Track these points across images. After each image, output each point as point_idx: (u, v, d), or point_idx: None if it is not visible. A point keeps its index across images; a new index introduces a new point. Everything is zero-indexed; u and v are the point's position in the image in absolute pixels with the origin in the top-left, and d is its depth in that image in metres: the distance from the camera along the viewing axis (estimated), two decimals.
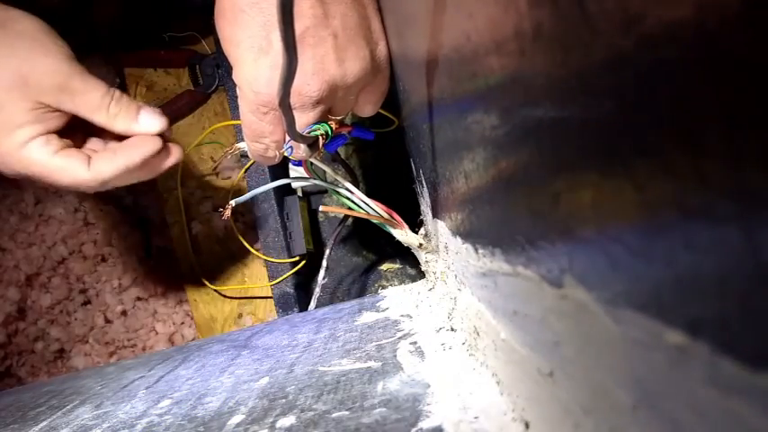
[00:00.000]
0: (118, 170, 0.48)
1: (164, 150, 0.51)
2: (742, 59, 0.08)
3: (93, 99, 0.47)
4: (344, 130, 0.46)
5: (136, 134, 0.49)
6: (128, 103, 0.49)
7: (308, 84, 0.41)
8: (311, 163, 0.48)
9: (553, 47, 0.14)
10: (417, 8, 0.30)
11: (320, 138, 0.42)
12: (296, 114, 0.42)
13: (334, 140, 0.45)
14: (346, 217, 0.69)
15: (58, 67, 0.46)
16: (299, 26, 0.40)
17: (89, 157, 0.48)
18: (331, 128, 0.43)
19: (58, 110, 0.47)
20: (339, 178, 0.48)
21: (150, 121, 0.50)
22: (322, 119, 0.43)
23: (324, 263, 0.59)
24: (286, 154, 0.44)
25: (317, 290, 0.59)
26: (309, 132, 0.42)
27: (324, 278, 0.59)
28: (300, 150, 0.43)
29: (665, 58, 0.09)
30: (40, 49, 0.46)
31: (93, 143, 0.52)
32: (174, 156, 0.52)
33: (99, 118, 0.48)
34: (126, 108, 0.49)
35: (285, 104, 0.31)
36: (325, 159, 0.59)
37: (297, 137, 0.39)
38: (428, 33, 0.27)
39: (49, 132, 0.47)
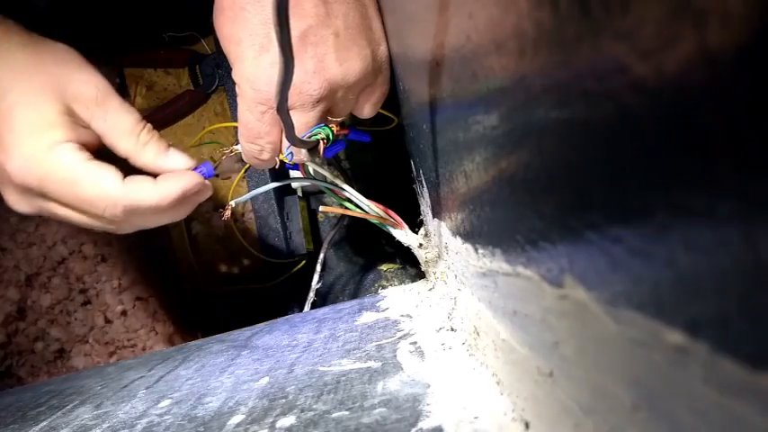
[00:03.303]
0: (155, 196, 0.42)
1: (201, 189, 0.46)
2: (741, 61, 0.08)
3: (126, 121, 0.44)
4: (342, 133, 0.46)
5: (159, 170, 0.45)
6: (158, 137, 0.45)
7: (308, 82, 0.41)
8: (307, 165, 0.48)
9: (553, 47, 0.14)
10: (417, 8, 0.30)
11: (321, 142, 0.42)
12: (295, 114, 0.41)
13: (332, 146, 0.45)
14: (342, 219, 0.69)
15: (97, 82, 0.43)
16: (301, 25, 0.40)
17: (123, 175, 0.42)
18: (332, 131, 0.43)
19: (87, 127, 0.43)
20: (338, 180, 0.48)
21: (179, 158, 0.45)
22: (322, 119, 0.43)
23: (318, 267, 0.59)
24: (286, 159, 0.44)
25: (311, 294, 0.58)
26: (310, 136, 0.42)
27: (318, 282, 0.59)
28: (301, 155, 0.43)
29: (664, 62, 0.09)
30: (79, 64, 0.44)
31: None
32: (207, 193, 0.47)
33: (127, 144, 0.44)
34: (157, 139, 0.45)
35: (283, 109, 0.31)
36: (323, 162, 0.59)
37: (296, 142, 0.38)
38: (428, 34, 0.27)
39: (80, 142, 0.42)
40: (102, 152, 0.45)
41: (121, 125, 0.44)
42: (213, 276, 0.75)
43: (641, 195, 0.11)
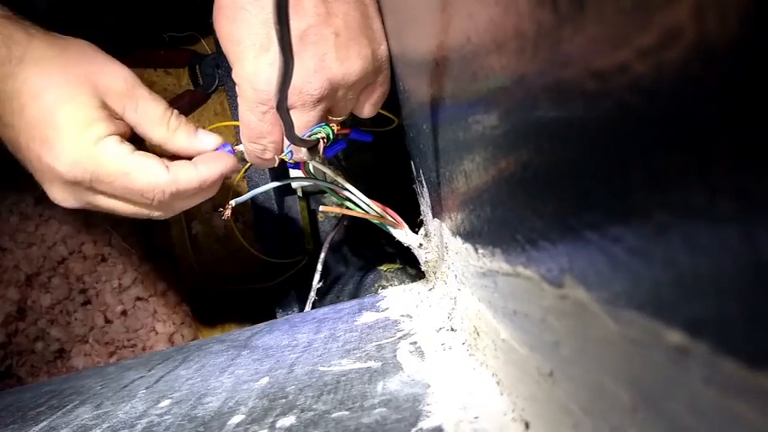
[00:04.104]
0: (197, 179, 0.45)
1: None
2: (740, 60, 0.08)
3: (156, 110, 0.45)
4: (342, 133, 0.46)
5: (193, 152, 0.47)
6: (185, 120, 0.47)
7: (309, 82, 0.41)
8: (308, 164, 0.48)
9: (552, 47, 0.14)
10: (418, 9, 0.30)
11: (321, 141, 0.42)
12: (296, 113, 0.41)
13: (333, 145, 0.45)
14: (342, 219, 0.69)
15: (125, 74, 0.45)
16: (301, 24, 0.40)
17: (166, 165, 0.45)
18: (332, 130, 0.43)
19: (120, 119, 0.45)
20: (339, 179, 0.48)
21: (209, 138, 0.48)
22: (322, 119, 0.43)
23: (319, 267, 0.59)
24: (286, 158, 0.44)
25: (312, 294, 0.58)
26: (310, 135, 0.42)
27: (319, 282, 0.59)
28: (301, 154, 0.43)
29: (663, 61, 0.09)
30: (104, 58, 0.45)
31: None
32: (236, 170, 0.50)
33: (159, 132, 0.46)
34: (185, 123, 0.47)
35: (283, 108, 0.31)
36: (324, 161, 0.59)
37: (296, 141, 0.38)
38: (428, 34, 0.27)
39: (119, 134, 0.44)
40: (133, 140, 0.47)
41: (152, 114, 0.45)
42: (213, 276, 0.75)
43: (641, 195, 0.11)
